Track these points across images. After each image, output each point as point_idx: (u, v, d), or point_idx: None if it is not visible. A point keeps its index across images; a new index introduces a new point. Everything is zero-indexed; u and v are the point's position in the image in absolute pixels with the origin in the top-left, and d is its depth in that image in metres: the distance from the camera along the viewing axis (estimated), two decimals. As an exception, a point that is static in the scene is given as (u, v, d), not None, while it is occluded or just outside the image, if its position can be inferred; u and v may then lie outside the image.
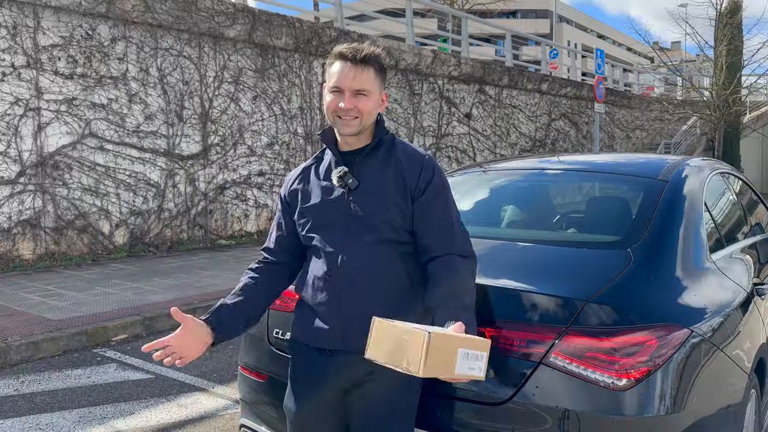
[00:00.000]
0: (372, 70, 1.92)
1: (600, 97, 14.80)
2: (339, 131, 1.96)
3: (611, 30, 67.95)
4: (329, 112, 1.94)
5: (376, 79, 1.94)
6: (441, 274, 1.87)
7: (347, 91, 1.89)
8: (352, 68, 1.90)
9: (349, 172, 1.93)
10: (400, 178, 1.93)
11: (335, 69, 1.92)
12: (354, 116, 1.90)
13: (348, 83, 1.89)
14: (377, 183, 1.93)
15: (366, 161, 1.96)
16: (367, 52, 1.91)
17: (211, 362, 4.89)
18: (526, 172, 3.34)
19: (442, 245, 1.90)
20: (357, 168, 1.95)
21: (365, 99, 1.91)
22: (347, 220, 1.92)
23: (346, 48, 1.92)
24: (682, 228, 2.37)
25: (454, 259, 1.88)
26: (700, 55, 26.48)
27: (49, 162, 8.37)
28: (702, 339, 2.02)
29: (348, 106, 1.89)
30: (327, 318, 1.92)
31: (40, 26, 8.25)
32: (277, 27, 10.87)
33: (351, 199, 1.92)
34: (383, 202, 1.91)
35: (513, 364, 1.94)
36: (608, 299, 1.95)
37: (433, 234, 1.92)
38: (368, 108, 1.92)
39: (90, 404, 4.05)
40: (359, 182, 1.92)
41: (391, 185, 1.92)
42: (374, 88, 1.93)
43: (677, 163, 2.86)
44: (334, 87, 1.92)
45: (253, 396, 2.54)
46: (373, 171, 1.95)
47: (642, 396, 1.82)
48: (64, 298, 6.38)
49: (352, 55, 1.90)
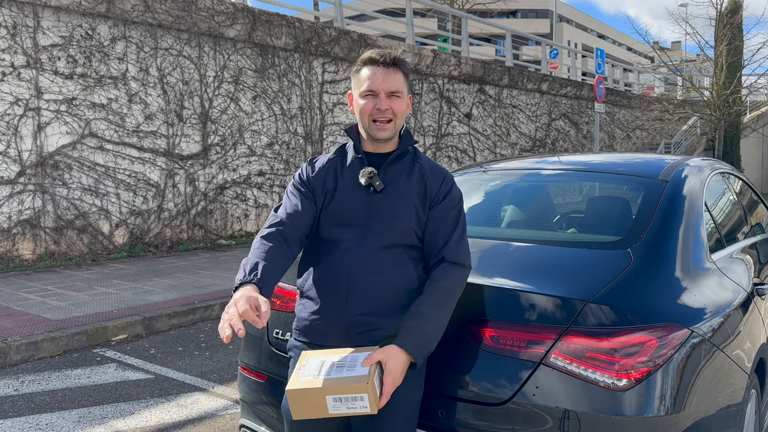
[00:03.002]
0: (401, 73, 1.99)
1: (600, 97, 14.80)
2: (374, 135, 1.98)
3: (611, 30, 67.98)
4: (365, 116, 1.97)
5: (405, 81, 2.01)
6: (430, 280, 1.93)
7: (382, 93, 1.95)
8: (383, 71, 1.96)
9: (377, 174, 1.98)
10: (422, 187, 2.00)
11: (366, 74, 1.98)
12: (389, 118, 1.96)
13: (382, 85, 1.95)
14: (402, 188, 1.99)
15: (392, 166, 2.02)
16: (396, 55, 1.98)
17: (211, 362, 4.89)
18: (526, 172, 3.34)
19: (442, 252, 1.96)
20: (383, 171, 2.00)
21: (398, 100, 1.97)
22: (369, 220, 1.96)
23: (375, 53, 1.99)
24: (682, 228, 2.37)
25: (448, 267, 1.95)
26: (700, 55, 26.48)
27: (48, 162, 8.37)
28: (702, 339, 2.02)
29: (385, 106, 1.94)
30: (333, 315, 1.93)
31: (40, 26, 8.25)
32: (277, 27, 10.87)
33: (375, 201, 1.97)
34: (407, 207, 1.97)
35: (513, 364, 1.94)
36: (608, 299, 1.95)
37: (438, 241, 1.98)
38: (401, 109, 1.98)
39: (90, 404, 4.05)
40: (385, 185, 1.98)
41: (414, 192, 1.99)
42: (405, 90, 2.00)
43: (677, 163, 2.86)
44: (368, 91, 1.96)
45: (253, 396, 2.53)
46: (399, 177, 2.01)
47: (642, 396, 1.82)
48: (63, 298, 6.38)
49: (383, 59, 1.97)
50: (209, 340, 5.51)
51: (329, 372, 1.76)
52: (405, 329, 1.85)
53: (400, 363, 1.80)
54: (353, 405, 1.72)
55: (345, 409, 1.72)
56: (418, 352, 1.83)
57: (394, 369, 1.79)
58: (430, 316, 1.86)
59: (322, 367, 1.79)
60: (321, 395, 1.71)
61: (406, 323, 1.86)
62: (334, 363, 1.80)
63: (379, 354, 1.79)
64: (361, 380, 1.72)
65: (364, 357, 1.80)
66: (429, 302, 1.88)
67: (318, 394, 1.72)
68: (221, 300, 6.40)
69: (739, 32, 22.30)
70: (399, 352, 1.80)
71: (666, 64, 24.52)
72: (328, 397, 1.71)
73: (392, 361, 1.79)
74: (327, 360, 1.82)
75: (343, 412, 1.73)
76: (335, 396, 1.71)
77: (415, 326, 1.84)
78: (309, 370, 1.79)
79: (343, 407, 1.72)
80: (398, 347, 1.81)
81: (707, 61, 24.71)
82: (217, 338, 5.56)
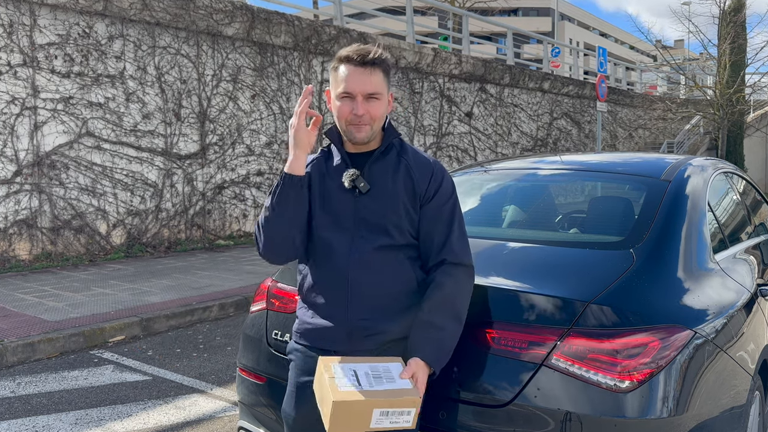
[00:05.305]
0: (380, 72, 1.89)
1: (602, 96, 14.80)
2: (351, 138, 1.92)
3: (613, 28, 67.94)
4: (341, 120, 1.90)
5: (384, 80, 1.91)
6: (434, 284, 1.90)
7: (359, 96, 1.86)
8: (361, 72, 1.86)
9: (360, 175, 1.92)
10: (410, 184, 1.94)
11: (342, 74, 1.88)
12: (365, 122, 1.88)
13: (359, 88, 1.85)
14: (388, 188, 1.93)
15: (376, 165, 1.95)
16: (374, 54, 1.87)
17: (209, 364, 4.89)
18: (528, 171, 3.34)
19: (442, 253, 1.93)
20: (367, 171, 1.94)
21: (377, 103, 1.88)
22: (357, 223, 1.92)
23: (351, 51, 1.87)
24: (685, 228, 2.37)
25: (451, 269, 1.92)
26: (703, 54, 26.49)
27: (45, 161, 8.37)
28: (705, 340, 2.02)
29: (362, 111, 1.86)
30: (334, 319, 1.92)
31: (37, 24, 8.25)
32: (276, 25, 10.87)
33: (362, 203, 1.92)
34: (394, 207, 1.91)
35: (514, 366, 1.94)
36: (610, 300, 1.95)
37: (435, 241, 1.94)
38: (380, 113, 1.90)
39: (87, 406, 4.05)
40: (370, 186, 1.92)
41: (402, 190, 1.93)
42: (384, 91, 1.91)
43: (680, 163, 2.86)
44: (345, 93, 1.88)
45: (251, 398, 2.53)
46: (383, 175, 1.94)
47: (645, 398, 1.82)
48: (60, 299, 6.37)
49: (360, 58, 1.86)
50: (207, 342, 5.50)
51: (370, 383, 1.70)
52: (425, 341, 1.83)
53: (426, 375, 1.82)
54: (397, 419, 1.67)
55: (388, 424, 1.67)
56: (438, 363, 1.85)
57: (424, 383, 1.80)
58: (446, 326, 1.86)
59: (359, 377, 1.72)
60: (368, 408, 1.65)
61: (424, 335, 1.84)
62: (369, 373, 1.75)
63: (413, 367, 1.79)
64: (411, 393, 1.69)
65: (395, 368, 1.78)
66: (441, 312, 1.86)
67: (365, 407, 1.64)
68: (219, 301, 6.40)
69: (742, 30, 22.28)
70: (424, 365, 1.82)
71: (669, 62, 24.52)
72: (376, 410, 1.65)
73: (422, 375, 1.80)
74: (358, 369, 1.75)
75: (385, 426, 1.67)
76: (383, 410, 1.65)
77: (433, 338, 1.84)
78: (344, 379, 1.71)
79: (386, 421, 1.66)
80: (423, 360, 1.81)
81: (710, 60, 24.69)
82: (215, 339, 5.56)
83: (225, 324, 6.10)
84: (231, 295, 6.67)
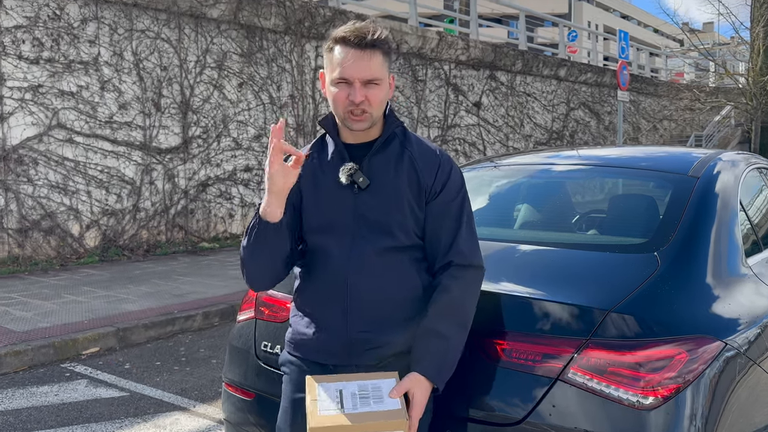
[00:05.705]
0: (380, 54, 1.85)
1: (624, 84, 14.81)
2: (350, 127, 1.89)
3: (636, 9, 67.99)
4: (338, 107, 1.87)
5: (384, 63, 1.87)
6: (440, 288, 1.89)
7: (356, 82, 1.83)
8: (358, 55, 1.82)
9: (359, 169, 1.90)
10: (414, 178, 1.91)
11: (338, 57, 1.84)
12: (364, 110, 1.84)
13: (356, 73, 1.82)
14: (390, 182, 1.90)
15: (376, 157, 1.92)
16: (373, 35, 1.83)
17: (192, 378, 4.90)
18: (542, 167, 3.34)
19: (449, 254, 1.91)
20: (366, 164, 1.91)
21: (376, 89, 1.85)
22: (356, 223, 1.90)
23: (348, 31, 1.84)
24: (715, 229, 2.38)
25: (458, 271, 1.90)
26: (734, 38, 26.51)
27: (12, 156, 8.37)
28: (737, 353, 2.02)
29: (360, 98, 1.82)
30: (331, 330, 1.91)
31: (3, 5, 8.25)
32: (266, 6, 10.88)
33: (361, 200, 1.90)
34: (398, 204, 1.89)
35: (527, 380, 1.94)
36: (633, 308, 1.95)
37: (443, 241, 1.92)
38: (380, 99, 1.86)
39: (58, 425, 4.05)
40: (370, 181, 1.89)
41: (405, 185, 1.90)
42: (384, 75, 1.87)
43: (709, 158, 2.86)
44: (341, 78, 1.84)
45: (238, 416, 2.54)
46: (385, 168, 1.91)
47: (670, 416, 1.82)
48: (29, 308, 6.38)
49: (358, 39, 1.82)
50: (190, 354, 5.51)
51: (355, 404, 1.71)
52: (426, 353, 1.82)
53: (426, 392, 1.81)
54: None
55: None
56: (440, 378, 1.83)
57: (422, 401, 1.79)
58: (451, 335, 1.85)
59: (343, 398, 1.73)
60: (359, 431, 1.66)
61: (426, 345, 1.83)
62: (355, 393, 1.75)
63: (406, 384, 1.78)
64: (397, 415, 1.70)
65: (387, 385, 1.77)
66: (447, 319, 1.85)
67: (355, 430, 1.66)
68: (203, 309, 6.41)
69: (777, 12, 22.29)
70: (424, 380, 1.80)
71: (697, 47, 24.51)
72: None
73: (419, 392, 1.79)
74: (345, 388, 1.76)
75: None
76: None
77: (435, 350, 1.83)
78: (327, 401, 1.72)
79: None
80: (422, 375, 1.81)
81: (742, 45, 24.70)
82: (198, 351, 5.57)
83: (209, 335, 6.11)
84: (216, 303, 6.68)
